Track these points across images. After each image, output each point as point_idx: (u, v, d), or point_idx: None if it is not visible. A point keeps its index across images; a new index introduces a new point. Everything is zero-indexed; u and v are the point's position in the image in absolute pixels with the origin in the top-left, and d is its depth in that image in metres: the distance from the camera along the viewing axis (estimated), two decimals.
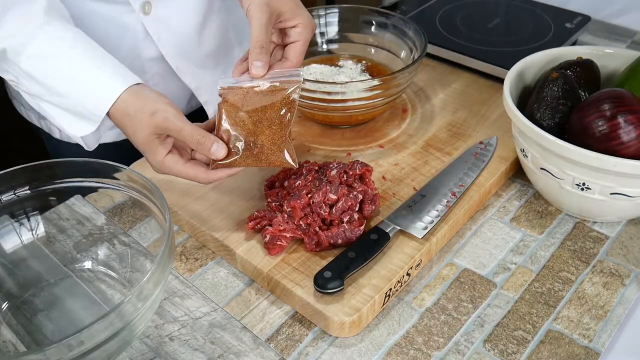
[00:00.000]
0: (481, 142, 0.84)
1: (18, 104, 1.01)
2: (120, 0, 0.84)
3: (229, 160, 0.67)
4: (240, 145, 0.67)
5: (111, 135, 0.96)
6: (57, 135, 0.98)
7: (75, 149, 0.83)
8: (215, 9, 0.95)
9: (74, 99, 0.71)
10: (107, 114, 0.70)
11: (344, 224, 0.70)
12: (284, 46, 0.74)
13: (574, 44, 1.08)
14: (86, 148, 0.76)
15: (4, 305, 0.66)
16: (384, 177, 0.80)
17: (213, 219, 0.74)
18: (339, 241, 0.69)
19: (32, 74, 0.71)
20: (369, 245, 0.68)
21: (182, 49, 0.92)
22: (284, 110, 0.67)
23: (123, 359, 0.62)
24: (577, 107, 0.72)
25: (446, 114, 0.91)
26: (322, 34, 0.97)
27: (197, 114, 1.05)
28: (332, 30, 0.97)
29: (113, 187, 0.68)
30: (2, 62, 0.72)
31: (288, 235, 0.69)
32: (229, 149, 0.67)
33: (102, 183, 0.69)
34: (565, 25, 1.08)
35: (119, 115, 0.69)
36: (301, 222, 0.69)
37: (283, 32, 0.74)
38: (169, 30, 0.89)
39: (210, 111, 0.99)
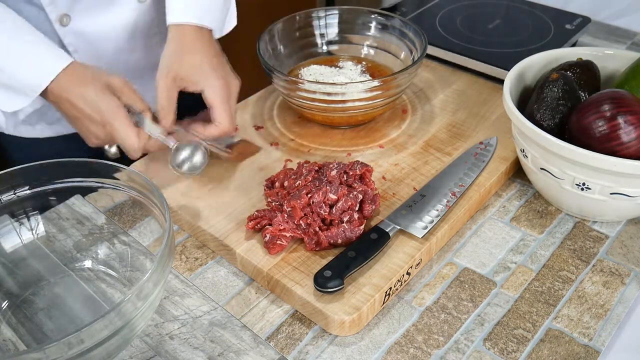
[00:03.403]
0: (481, 143, 0.84)
1: None
2: (35, 2, 0.78)
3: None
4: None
5: None
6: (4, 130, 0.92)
7: (28, 143, 0.82)
8: (146, 30, 0.90)
9: (9, 73, 0.70)
10: (45, 90, 0.70)
11: (344, 224, 0.70)
12: None
13: (573, 45, 1.08)
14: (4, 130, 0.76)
15: (4, 304, 0.66)
16: (384, 177, 0.80)
17: (213, 218, 0.74)
18: (339, 241, 0.69)
19: None
20: (369, 244, 0.68)
21: (102, 62, 0.85)
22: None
23: (123, 358, 0.62)
24: (577, 108, 0.72)
25: (446, 114, 0.91)
26: (322, 35, 0.97)
27: None
28: (332, 32, 0.98)
29: (113, 187, 0.68)
30: None
31: (288, 235, 0.69)
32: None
33: (102, 183, 0.69)
34: (565, 26, 1.08)
35: (62, 88, 0.69)
36: (301, 222, 0.69)
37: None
38: (88, 43, 0.84)
39: None
